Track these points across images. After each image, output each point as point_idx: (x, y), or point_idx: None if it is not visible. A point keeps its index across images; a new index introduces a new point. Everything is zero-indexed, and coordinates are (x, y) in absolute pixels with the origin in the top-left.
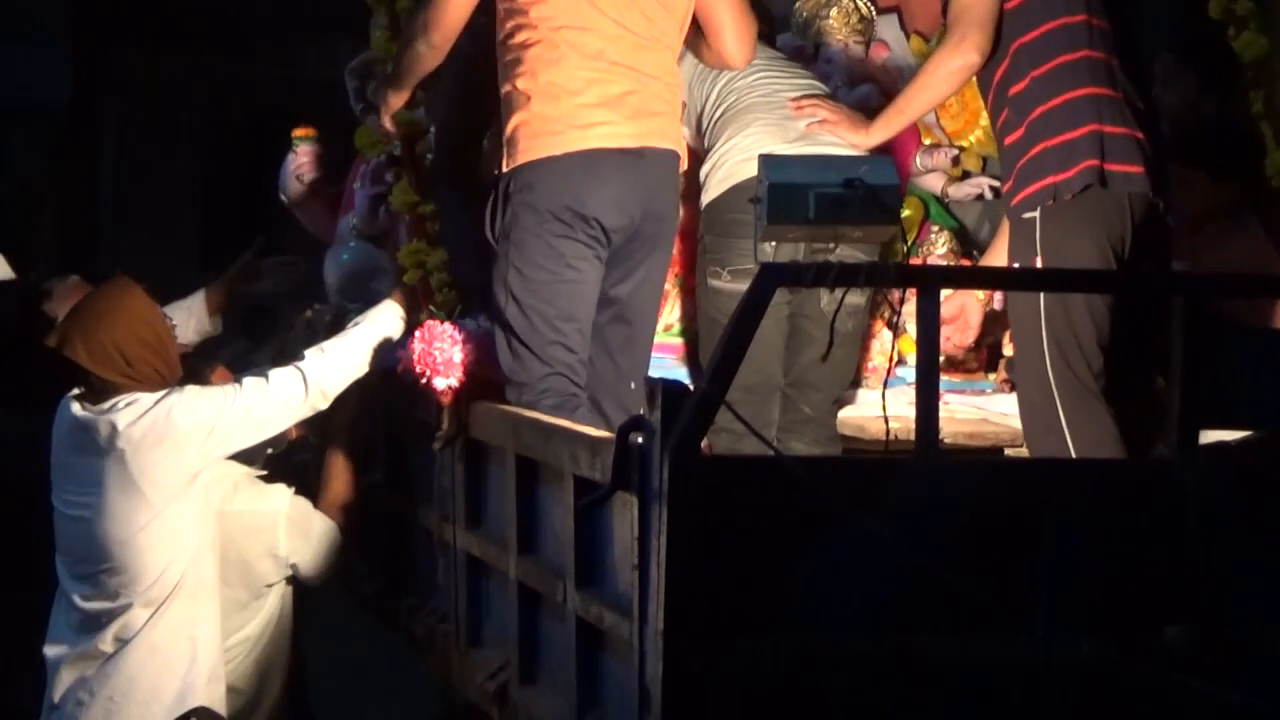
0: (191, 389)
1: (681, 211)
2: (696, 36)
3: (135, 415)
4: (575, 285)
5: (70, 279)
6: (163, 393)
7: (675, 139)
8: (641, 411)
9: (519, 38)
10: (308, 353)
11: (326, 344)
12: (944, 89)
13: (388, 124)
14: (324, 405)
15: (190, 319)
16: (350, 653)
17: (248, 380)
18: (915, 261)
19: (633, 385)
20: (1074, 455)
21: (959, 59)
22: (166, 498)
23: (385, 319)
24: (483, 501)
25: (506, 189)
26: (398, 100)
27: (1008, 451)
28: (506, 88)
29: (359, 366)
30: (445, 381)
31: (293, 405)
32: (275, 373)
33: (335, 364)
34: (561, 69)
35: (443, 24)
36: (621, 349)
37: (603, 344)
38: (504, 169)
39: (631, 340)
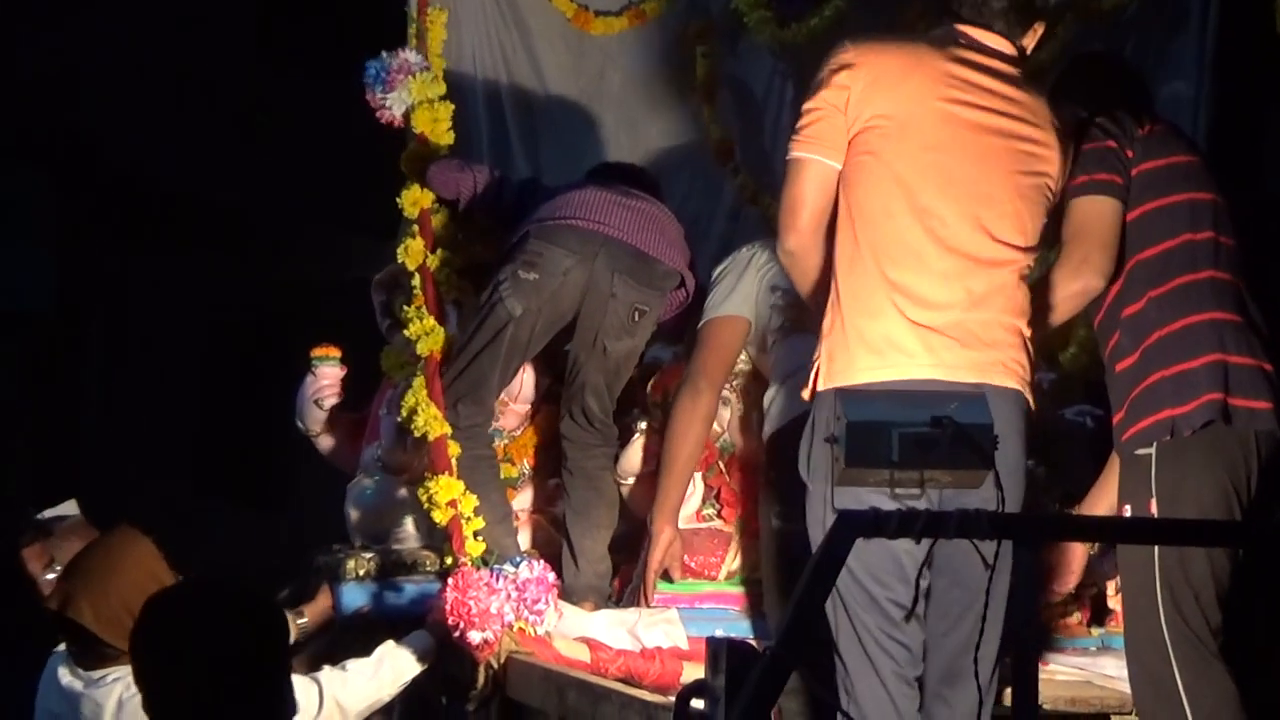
0: None
1: (741, 442)
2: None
3: (122, 697)
4: None
5: (72, 517)
6: None
7: None
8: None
9: None
10: (327, 669)
11: (351, 662)
12: (1061, 314)
13: None
14: None
15: None
16: None
17: None
18: None
19: None
20: None
21: (1078, 283)
22: None
23: (413, 644)
24: None
25: None
26: None
27: None
28: None
29: (384, 688)
30: (481, 635)
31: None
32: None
33: (357, 685)
34: None
35: None
36: None
37: None
38: None
39: None
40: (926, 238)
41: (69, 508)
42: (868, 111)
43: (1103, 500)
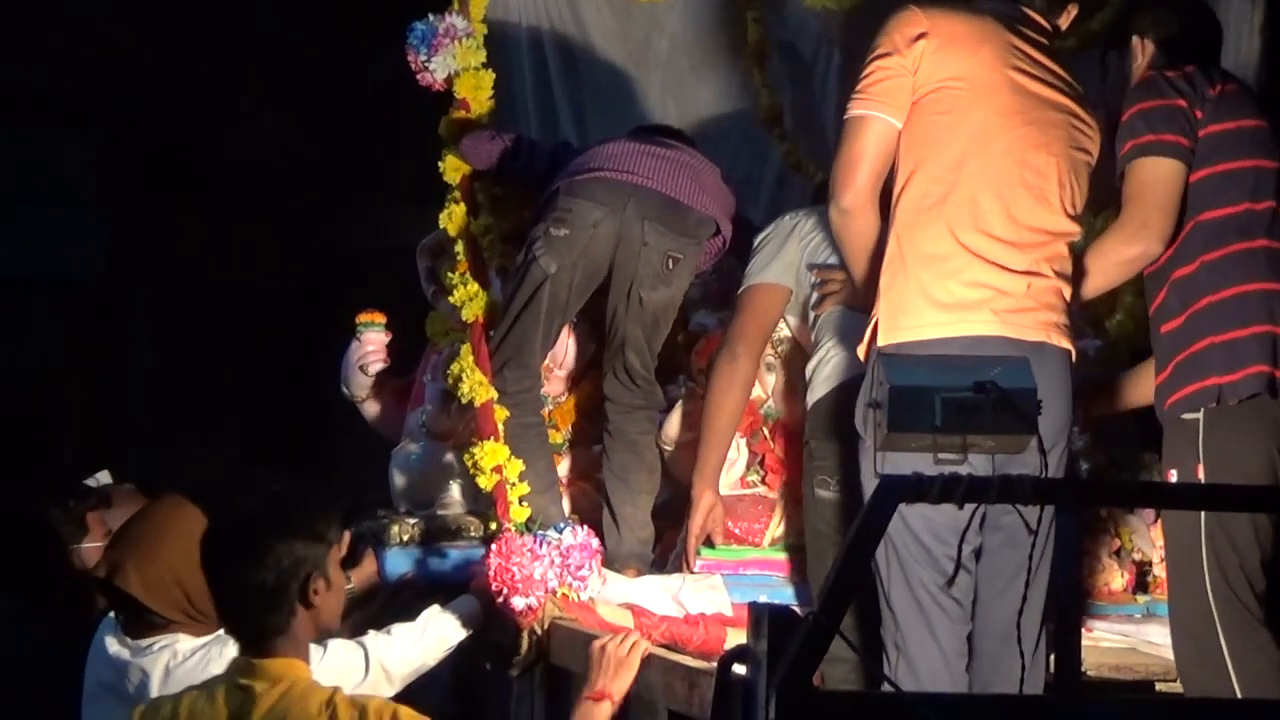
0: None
1: (785, 409)
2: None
3: (169, 665)
4: None
5: (125, 486)
6: (205, 640)
7: None
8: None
9: None
10: (373, 634)
11: (396, 626)
12: (1115, 278)
13: None
14: (389, 691)
15: None
16: None
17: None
18: None
19: None
20: (1238, 692)
21: (1137, 247)
22: None
23: (458, 609)
24: None
25: None
26: None
27: (1159, 686)
28: None
29: (429, 653)
30: (525, 601)
31: (347, 683)
32: (337, 646)
33: (402, 650)
34: None
35: None
36: None
37: None
38: None
39: None
40: (996, 202)
41: (103, 477)
42: (942, 72)
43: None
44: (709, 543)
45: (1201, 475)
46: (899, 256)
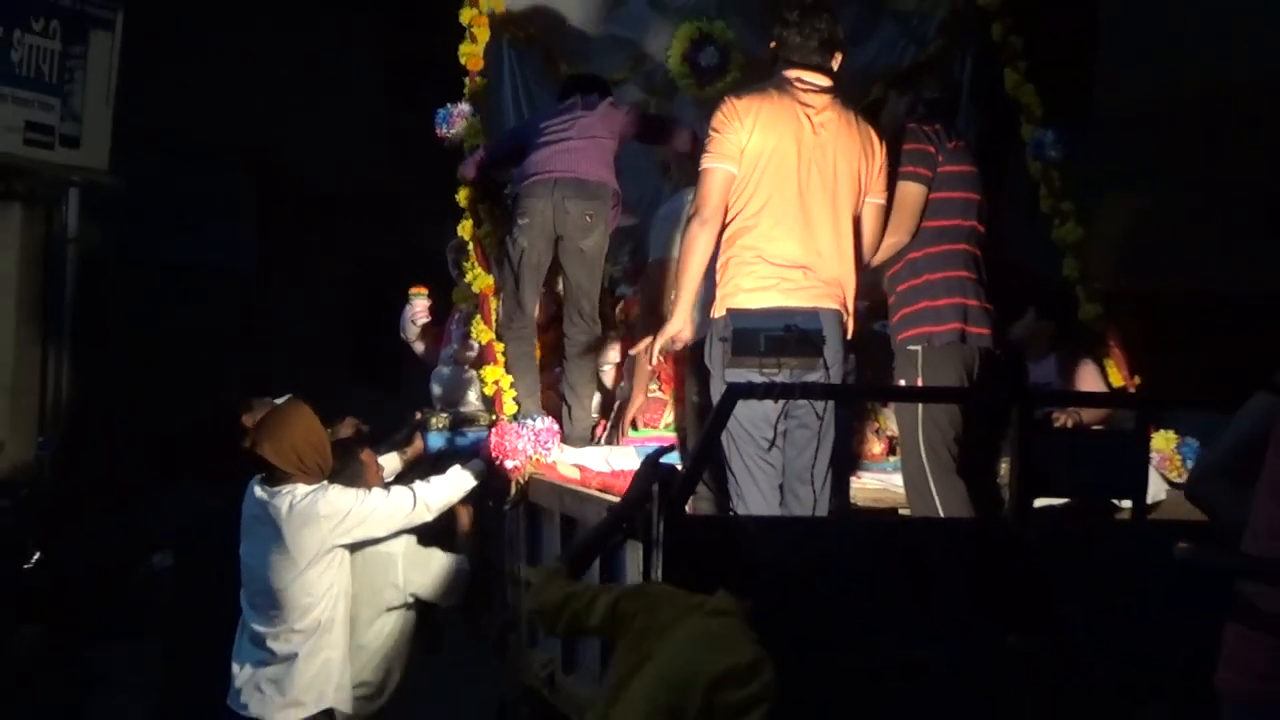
0: (335, 489)
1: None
2: None
3: (292, 502)
4: None
5: (263, 399)
6: (315, 487)
7: None
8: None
9: None
10: (418, 482)
11: (433, 478)
12: (880, 258)
13: None
14: (428, 517)
15: (393, 464)
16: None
17: (376, 491)
18: None
19: None
20: (941, 514)
21: (895, 237)
22: (307, 561)
23: (472, 467)
24: (538, 545)
25: None
26: None
27: (900, 511)
28: None
29: (453, 494)
30: (513, 463)
31: (402, 514)
32: (396, 490)
33: (437, 491)
34: None
35: None
36: None
37: None
38: None
39: None
40: (782, 228)
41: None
42: (756, 139)
43: None
44: (634, 425)
45: (920, 384)
46: (729, 257)
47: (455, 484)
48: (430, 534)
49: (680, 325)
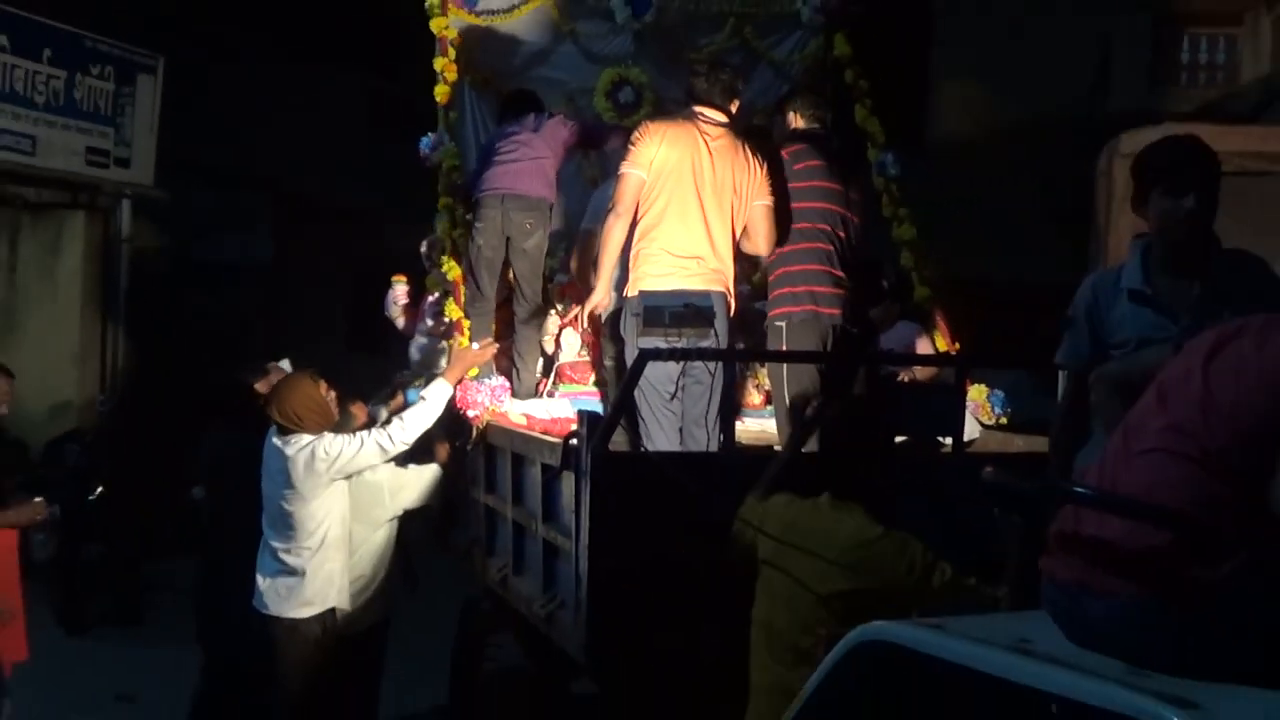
0: (329, 436)
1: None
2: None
3: (298, 448)
4: None
5: (276, 365)
6: (314, 437)
7: None
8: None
9: None
10: (394, 421)
11: (405, 414)
12: (755, 251)
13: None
14: (406, 445)
15: (380, 414)
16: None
17: (360, 434)
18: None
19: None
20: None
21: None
22: (311, 492)
23: (437, 392)
24: (495, 476)
25: None
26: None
27: (774, 448)
28: None
29: (424, 425)
30: (474, 413)
31: (384, 451)
32: (376, 432)
33: (409, 427)
34: None
35: None
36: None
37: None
38: None
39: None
40: (681, 227)
41: (285, 365)
42: (662, 154)
43: None
44: (566, 381)
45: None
46: (639, 250)
47: (419, 415)
48: (415, 464)
49: (601, 296)
